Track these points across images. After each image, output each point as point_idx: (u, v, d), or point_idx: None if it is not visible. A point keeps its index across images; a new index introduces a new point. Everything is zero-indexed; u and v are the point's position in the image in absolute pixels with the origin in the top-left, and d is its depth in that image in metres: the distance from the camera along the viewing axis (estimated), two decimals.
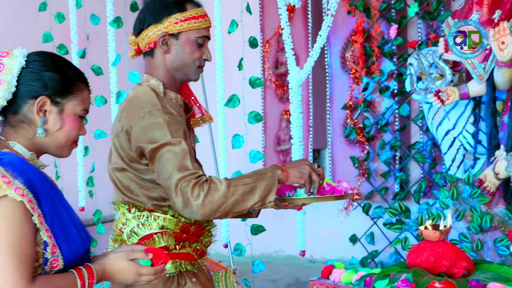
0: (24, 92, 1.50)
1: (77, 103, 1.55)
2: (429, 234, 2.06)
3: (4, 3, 4.52)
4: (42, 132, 1.51)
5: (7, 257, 1.36)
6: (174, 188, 1.84)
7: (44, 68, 1.52)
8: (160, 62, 2.05)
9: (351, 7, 4.59)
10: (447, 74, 3.61)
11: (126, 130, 1.95)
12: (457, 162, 3.94)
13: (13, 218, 1.38)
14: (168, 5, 2.02)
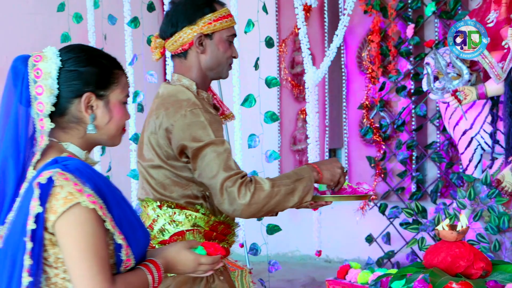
0: (67, 93, 1.47)
1: (120, 91, 1.52)
2: (446, 235, 2.05)
3: (23, 4, 4.56)
4: (93, 129, 1.49)
5: (87, 263, 1.37)
6: (220, 187, 1.89)
7: (80, 64, 1.48)
8: (193, 63, 2.07)
9: (367, 7, 4.57)
10: (465, 74, 3.58)
11: (166, 128, 1.97)
12: (474, 162, 3.92)
13: (88, 224, 1.38)
14: (200, 7, 2.05)
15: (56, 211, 1.37)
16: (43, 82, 1.45)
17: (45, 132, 1.44)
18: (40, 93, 1.44)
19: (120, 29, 3.93)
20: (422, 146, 4.58)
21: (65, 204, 1.37)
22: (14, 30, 4.49)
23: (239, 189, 1.88)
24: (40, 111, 1.44)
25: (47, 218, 1.38)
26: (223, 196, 1.89)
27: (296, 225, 4.76)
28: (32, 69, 1.46)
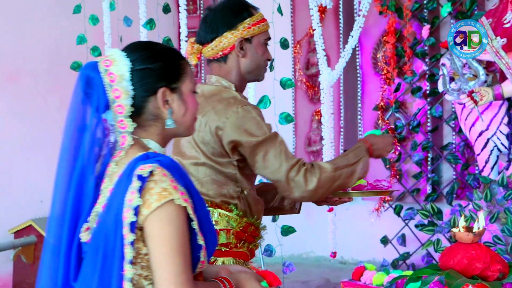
0: (141, 92, 1.47)
1: (189, 80, 1.54)
2: (463, 236, 2.04)
3: (40, 6, 4.60)
4: (172, 123, 1.49)
5: (173, 260, 1.38)
6: (286, 179, 2.00)
7: (149, 61, 1.49)
8: (233, 66, 2.15)
9: (382, 8, 4.56)
10: (481, 75, 3.56)
11: (216, 125, 2.03)
12: (490, 164, 3.89)
13: (179, 222, 1.39)
14: (239, 12, 2.14)
15: (150, 205, 1.38)
16: (119, 85, 1.46)
17: (127, 132, 1.46)
18: (118, 96, 1.45)
19: (135, 31, 3.95)
20: (437, 147, 4.56)
21: (159, 200, 1.37)
22: (31, 32, 4.53)
23: (305, 176, 2.00)
24: (119, 113, 1.46)
25: (140, 211, 1.38)
26: (290, 186, 2.00)
27: (311, 227, 4.75)
28: (105, 74, 1.47)
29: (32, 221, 4.22)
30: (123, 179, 1.40)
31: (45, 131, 4.59)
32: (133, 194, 1.37)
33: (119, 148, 1.47)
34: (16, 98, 4.43)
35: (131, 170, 1.40)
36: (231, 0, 2.20)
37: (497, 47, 3.43)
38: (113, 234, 1.39)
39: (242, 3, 2.19)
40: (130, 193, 1.37)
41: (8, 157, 4.38)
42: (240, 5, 2.17)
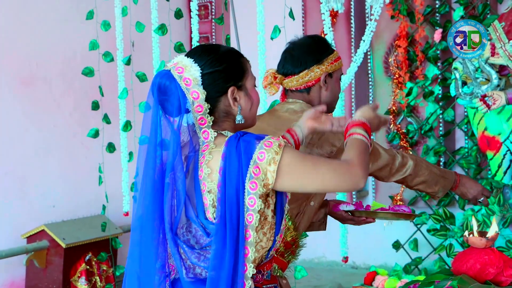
0: (213, 93, 1.62)
1: (250, 76, 1.70)
2: (475, 241, 2.03)
3: (53, 12, 4.64)
4: (242, 119, 1.65)
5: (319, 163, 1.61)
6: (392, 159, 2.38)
7: (216, 64, 1.63)
8: (315, 98, 2.32)
9: (394, 12, 4.55)
10: (493, 79, 3.54)
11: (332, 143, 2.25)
12: (503, 168, 3.87)
13: (296, 151, 1.62)
14: (325, 48, 2.33)
15: (276, 161, 1.54)
16: (195, 88, 1.60)
17: (208, 126, 1.62)
18: (196, 97, 1.60)
19: (147, 36, 3.97)
20: (450, 152, 4.54)
21: (278, 153, 1.55)
22: (44, 38, 4.57)
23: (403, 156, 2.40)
24: (199, 112, 1.61)
25: (268, 171, 1.54)
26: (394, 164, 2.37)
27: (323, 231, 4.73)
28: (180, 80, 1.60)
29: (44, 226, 4.24)
30: (232, 156, 1.54)
31: (58, 136, 4.62)
32: (257, 168, 1.53)
33: (205, 142, 1.61)
34: (29, 103, 4.46)
35: (236, 147, 1.54)
36: (316, 37, 2.42)
37: (510, 51, 3.42)
38: (236, 204, 1.53)
39: (325, 41, 2.39)
40: (254, 167, 1.53)
41: (21, 161, 4.41)
42: (325, 42, 2.37)
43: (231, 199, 1.53)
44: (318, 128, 1.89)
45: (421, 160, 2.43)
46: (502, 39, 3.43)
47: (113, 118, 4.13)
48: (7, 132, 4.33)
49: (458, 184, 2.45)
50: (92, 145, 4.43)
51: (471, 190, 2.47)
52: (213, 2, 5.56)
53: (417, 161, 2.40)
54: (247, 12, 4.23)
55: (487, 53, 3.58)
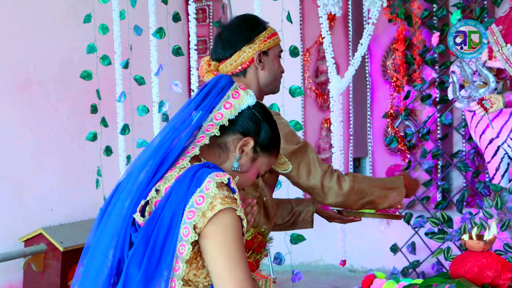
0: (238, 125, 1.61)
1: (266, 162, 1.67)
2: (473, 245, 2.03)
3: (51, 16, 4.63)
4: (238, 167, 1.61)
5: (240, 265, 1.45)
6: (320, 185, 2.13)
7: (265, 118, 1.64)
8: (252, 80, 2.19)
9: (392, 15, 4.56)
10: (491, 82, 3.55)
11: None
12: (501, 171, 3.87)
13: (239, 230, 1.47)
14: (254, 26, 2.20)
15: (213, 208, 1.44)
16: (234, 103, 1.60)
17: (209, 134, 1.58)
18: (227, 108, 1.60)
19: (145, 40, 3.97)
20: (447, 155, 4.54)
21: (223, 204, 1.45)
22: (42, 42, 4.57)
23: (338, 181, 2.13)
24: (216, 119, 1.58)
25: (204, 214, 1.44)
26: (325, 191, 2.12)
27: (320, 235, 4.73)
28: (233, 90, 1.62)
29: (42, 229, 4.23)
30: (186, 180, 1.47)
31: (55, 139, 4.61)
32: (202, 198, 1.44)
33: (193, 145, 1.57)
34: (26, 107, 4.46)
35: (194, 174, 1.48)
36: (244, 16, 2.26)
37: (507, 54, 3.42)
38: (166, 230, 1.44)
39: (255, 18, 2.25)
40: (199, 196, 1.45)
41: (18, 165, 4.40)
42: (255, 19, 2.24)
43: (164, 222, 1.45)
44: None
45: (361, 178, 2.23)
46: (500, 42, 3.44)
47: (111, 121, 4.13)
48: (4, 136, 4.33)
49: (408, 188, 2.31)
50: (89, 149, 4.43)
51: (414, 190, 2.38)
52: (211, 6, 5.57)
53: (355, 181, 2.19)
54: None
55: (484, 57, 3.58)
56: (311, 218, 2.44)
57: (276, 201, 2.42)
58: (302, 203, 2.45)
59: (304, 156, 2.11)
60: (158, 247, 1.43)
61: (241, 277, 1.43)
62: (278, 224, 2.42)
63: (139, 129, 4.22)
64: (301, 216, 2.43)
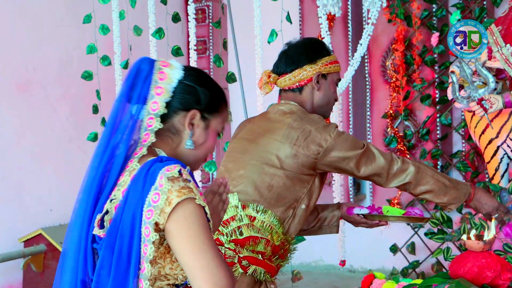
0: (176, 103, 1.54)
1: (220, 121, 1.60)
2: (473, 245, 2.03)
3: (51, 16, 4.63)
4: (191, 144, 1.55)
5: (208, 253, 1.42)
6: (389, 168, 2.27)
7: (199, 83, 1.56)
8: (307, 98, 2.30)
9: (391, 16, 4.56)
10: (490, 82, 3.55)
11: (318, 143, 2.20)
12: (500, 171, 3.87)
13: (202, 219, 1.43)
14: (320, 49, 2.32)
15: (171, 202, 1.41)
16: (164, 85, 1.52)
17: (152, 130, 1.51)
18: (159, 93, 1.52)
19: (145, 40, 3.97)
20: (447, 155, 4.54)
21: (180, 196, 1.41)
22: (41, 42, 4.56)
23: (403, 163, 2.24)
24: (153, 110, 1.51)
25: (163, 210, 1.41)
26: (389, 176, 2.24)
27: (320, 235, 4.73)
28: (157, 71, 1.54)
29: (42, 230, 4.23)
30: (140, 179, 1.44)
31: (54, 140, 4.61)
32: (157, 195, 1.41)
33: (140, 145, 1.51)
34: (26, 108, 4.46)
35: (147, 171, 1.43)
36: (312, 39, 2.43)
37: (507, 54, 3.42)
38: (129, 233, 1.42)
39: (322, 43, 2.38)
40: (154, 194, 1.41)
41: (18, 166, 4.40)
42: (321, 43, 2.37)
43: (125, 225, 1.42)
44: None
45: (426, 168, 2.31)
46: (499, 42, 3.44)
47: None
48: (3, 137, 4.33)
49: (473, 198, 2.34)
50: (89, 149, 4.41)
51: (485, 206, 2.36)
52: (211, 6, 5.57)
53: (420, 168, 2.27)
54: (244, 16, 4.24)
55: (484, 57, 3.58)
56: (337, 223, 2.51)
57: None
58: (327, 209, 2.50)
59: (370, 154, 2.23)
60: (125, 251, 1.42)
61: (212, 264, 1.40)
62: (304, 229, 2.48)
63: None
64: (327, 221, 2.49)
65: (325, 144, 2.19)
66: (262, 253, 2.14)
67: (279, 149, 2.20)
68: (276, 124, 2.25)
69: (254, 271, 2.14)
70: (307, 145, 2.18)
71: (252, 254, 2.14)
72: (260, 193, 2.17)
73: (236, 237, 2.14)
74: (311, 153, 2.18)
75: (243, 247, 2.14)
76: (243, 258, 2.14)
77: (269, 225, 2.14)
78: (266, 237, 2.14)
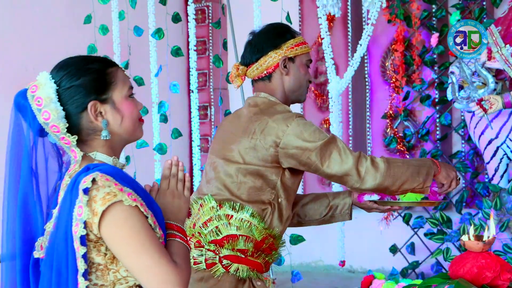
0: (74, 109, 1.50)
1: (121, 87, 1.54)
2: (472, 245, 2.03)
3: (51, 17, 4.63)
4: (107, 134, 1.51)
5: (149, 251, 1.40)
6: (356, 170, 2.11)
7: (73, 78, 1.51)
8: (278, 85, 2.24)
9: (391, 16, 4.56)
10: (490, 83, 3.55)
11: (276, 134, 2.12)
12: (500, 172, 3.88)
13: (134, 220, 1.41)
14: (283, 33, 2.26)
15: (97, 213, 1.40)
16: (47, 108, 1.48)
17: (73, 145, 1.50)
18: (47, 118, 1.48)
19: (144, 40, 3.97)
20: (447, 156, 4.55)
21: (104, 204, 1.40)
22: (41, 43, 4.56)
23: (373, 163, 2.11)
24: (57, 132, 1.49)
25: (91, 221, 1.41)
26: (361, 175, 2.09)
27: (320, 235, 4.73)
28: (32, 100, 1.50)
29: None
30: (68, 194, 1.43)
31: None
32: (81, 208, 1.40)
33: (73, 162, 1.51)
34: None
35: (73, 185, 1.43)
36: (275, 24, 2.36)
37: (506, 55, 3.43)
38: (64, 249, 1.41)
39: (285, 26, 2.33)
40: (78, 207, 1.40)
41: None
42: (284, 27, 2.31)
43: (59, 241, 1.42)
44: None
45: (392, 158, 2.20)
46: (499, 43, 3.44)
47: None
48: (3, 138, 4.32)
49: (440, 167, 2.19)
50: None
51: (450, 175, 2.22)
52: (210, 6, 5.57)
53: (388, 161, 2.15)
54: (244, 16, 4.24)
55: (483, 57, 3.59)
56: (349, 211, 2.44)
57: (313, 196, 2.47)
58: (339, 196, 2.44)
59: (334, 147, 2.12)
60: (63, 268, 1.41)
61: (155, 263, 1.39)
62: (316, 219, 2.44)
63: None
64: (338, 209, 2.43)
65: (282, 134, 2.11)
66: (243, 251, 2.12)
67: (239, 143, 2.16)
68: (240, 119, 2.22)
69: (236, 269, 2.12)
70: (264, 137, 2.12)
71: (233, 253, 2.12)
72: (231, 192, 2.14)
73: (215, 238, 2.12)
74: (269, 145, 2.12)
75: (223, 247, 2.12)
76: (223, 257, 2.12)
77: (247, 222, 2.11)
78: (245, 234, 2.11)
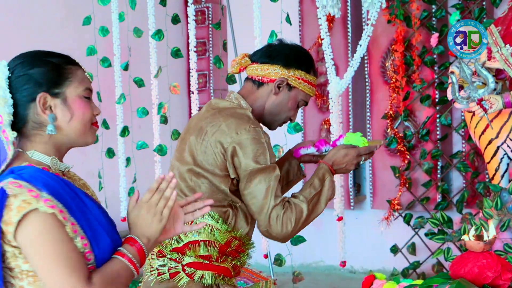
0: (22, 99, 1.44)
1: (76, 85, 1.49)
2: (473, 245, 2.04)
3: (50, 18, 4.64)
4: (53, 129, 1.44)
5: (57, 267, 1.35)
6: (268, 216, 1.97)
7: (28, 67, 1.46)
8: (262, 97, 2.14)
9: (391, 16, 4.56)
10: (490, 82, 3.55)
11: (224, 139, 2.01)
12: (500, 172, 3.87)
13: (49, 229, 1.35)
14: (302, 61, 2.15)
15: (11, 222, 1.35)
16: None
17: (10, 142, 1.42)
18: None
19: (144, 42, 3.97)
20: (447, 156, 4.55)
21: (18, 213, 1.34)
22: (41, 44, 4.55)
23: (283, 220, 1.97)
24: (0, 123, 1.42)
25: (7, 230, 1.36)
26: (270, 224, 1.97)
27: (321, 236, 4.74)
28: None
29: None
30: None
31: None
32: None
33: (3, 161, 1.44)
34: None
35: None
36: (304, 50, 2.24)
37: (506, 55, 3.42)
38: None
39: (310, 58, 2.20)
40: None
41: None
42: (307, 58, 2.19)
43: None
44: None
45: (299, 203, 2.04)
46: (499, 43, 3.44)
47: (111, 123, 4.13)
48: None
49: (332, 167, 2.10)
50: (89, 151, 4.42)
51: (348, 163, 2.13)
52: (210, 8, 5.57)
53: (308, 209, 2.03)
54: (244, 17, 4.24)
55: (483, 57, 3.59)
56: (299, 169, 2.34)
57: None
58: (284, 164, 2.32)
59: (265, 179, 1.97)
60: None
61: (62, 279, 1.34)
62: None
63: (138, 131, 4.23)
64: (291, 174, 2.32)
65: (229, 140, 1.99)
66: (207, 256, 2.03)
67: (193, 145, 2.06)
68: (201, 120, 2.11)
69: (201, 276, 2.03)
70: (214, 140, 2.01)
71: (196, 259, 2.03)
72: (186, 196, 2.02)
73: (176, 245, 2.04)
74: (217, 150, 2.01)
75: (185, 254, 2.04)
76: (186, 265, 2.03)
77: (208, 225, 2.01)
78: (207, 238, 2.02)
